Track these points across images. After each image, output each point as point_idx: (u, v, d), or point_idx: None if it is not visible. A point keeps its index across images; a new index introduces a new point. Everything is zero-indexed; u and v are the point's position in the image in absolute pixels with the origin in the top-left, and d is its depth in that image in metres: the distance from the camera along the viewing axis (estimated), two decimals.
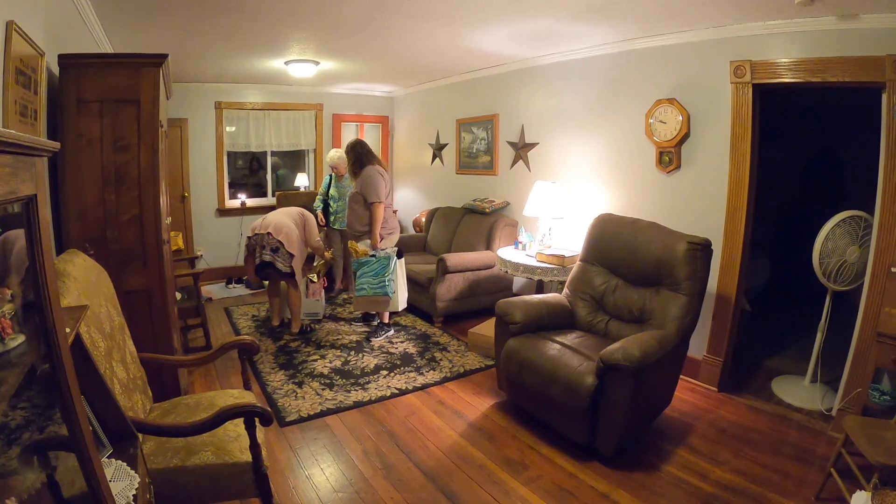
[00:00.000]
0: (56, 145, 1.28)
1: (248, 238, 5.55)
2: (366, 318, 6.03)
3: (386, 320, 5.76)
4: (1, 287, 1.22)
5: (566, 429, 3.56)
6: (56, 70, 2.97)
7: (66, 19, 3.44)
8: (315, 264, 6.33)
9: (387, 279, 5.28)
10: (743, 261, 4.41)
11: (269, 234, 5.33)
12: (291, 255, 5.38)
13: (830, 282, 4.21)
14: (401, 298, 5.57)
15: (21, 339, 1.20)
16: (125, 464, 1.70)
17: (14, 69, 2.26)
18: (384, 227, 5.43)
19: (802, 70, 3.94)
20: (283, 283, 5.76)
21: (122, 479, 1.64)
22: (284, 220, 5.52)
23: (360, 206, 5.41)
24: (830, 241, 4.14)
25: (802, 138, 7.48)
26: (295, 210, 5.91)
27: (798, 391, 4.45)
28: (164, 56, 3.22)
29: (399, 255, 5.45)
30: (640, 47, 4.98)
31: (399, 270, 5.49)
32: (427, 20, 4.52)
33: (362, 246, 5.38)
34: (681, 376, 4.20)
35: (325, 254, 6.24)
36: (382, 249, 5.34)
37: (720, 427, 3.93)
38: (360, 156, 5.55)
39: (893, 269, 3.54)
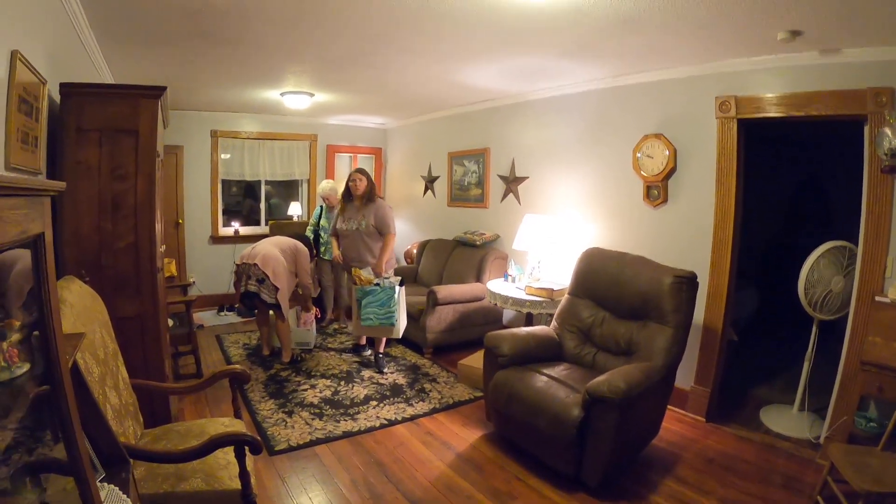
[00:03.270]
0: (62, 186, 1.34)
1: (237, 265, 5.55)
2: (356, 350, 6.04)
3: (382, 349, 5.76)
4: (9, 318, 1.26)
5: (553, 460, 3.58)
6: (57, 98, 3.02)
7: (69, 48, 3.50)
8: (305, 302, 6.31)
9: (394, 309, 5.23)
10: (729, 292, 4.48)
11: (255, 264, 5.34)
12: (276, 288, 5.36)
13: (816, 311, 4.28)
14: (401, 327, 5.49)
15: (27, 367, 1.24)
16: (117, 488, 1.73)
17: (17, 97, 2.32)
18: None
19: (786, 104, 4.06)
20: (271, 312, 5.76)
21: (114, 503, 1.66)
22: (273, 252, 5.50)
23: (373, 239, 5.50)
24: (816, 271, 4.22)
25: (790, 168, 7.62)
26: (288, 242, 5.88)
27: (786, 420, 4.49)
28: (163, 89, 3.29)
29: (401, 284, 5.40)
30: (628, 83, 5.11)
31: (402, 299, 5.44)
32: (419, 56, 4.63)
33: (366, 274, 5.34)
34: (669, 407, 4.23)
35: (309, 294, 6.24)
36: (386, 278, 5.34)
37: (707, 457, 3.96)
38: (373, 186, 5.63)
39: (877, 299, 3.63)
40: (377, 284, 5.24)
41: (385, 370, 5.52)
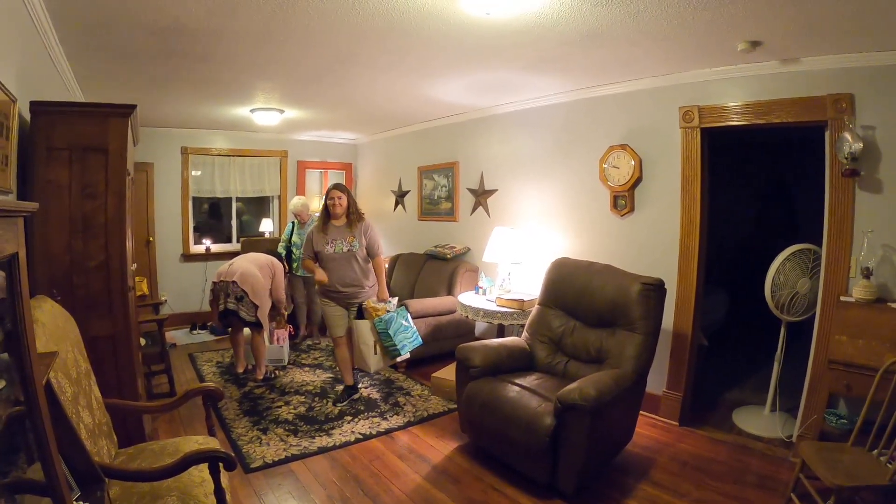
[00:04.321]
0: (35, 206, 1.35)
1: (214, 283, 5.50)
2: (348, 392, 5.31)
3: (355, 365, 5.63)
4: None
5: (528, 468, 3.61)
6: (27, 116, 3.01)
7: (39, 66, 3.50)
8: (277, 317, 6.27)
9: (413, 327, 5.05)
10: (697, 298, 4.57)
11: (233, 282, 5.31)
12: (256, 306, 5.34)
13: (783, 313, 4.37)
14: None
15: (2, 384, 1.24)
16: None
17: None
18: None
19: (748, 113, 4.19)
20: (246, 329, 5.71)
21: None
22: (251, 269, 5.48)
23: (366, 261, 5.06)
24: (781, 273, 4.32)
25: (758, 172, 7.78)
26: (265, 259, 5.85)
27: (758, 421, 4.57)
28: (133, 107, 3.30)
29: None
30: (593, 95, 5.21)
31: None
32: (386, 72, 4.69)
33: (377, 304, 4.95)
34: (641, 412, 4.27)
35: (283, 310, 6.24)
36: (389, 301, 5.06)
37: (682, 460, 4.02)
38: (355, 202, 5.18)
39: (842, 298, 3.73)
40: (388, 310, 4.92)
41: (359, 385, 5.48)
